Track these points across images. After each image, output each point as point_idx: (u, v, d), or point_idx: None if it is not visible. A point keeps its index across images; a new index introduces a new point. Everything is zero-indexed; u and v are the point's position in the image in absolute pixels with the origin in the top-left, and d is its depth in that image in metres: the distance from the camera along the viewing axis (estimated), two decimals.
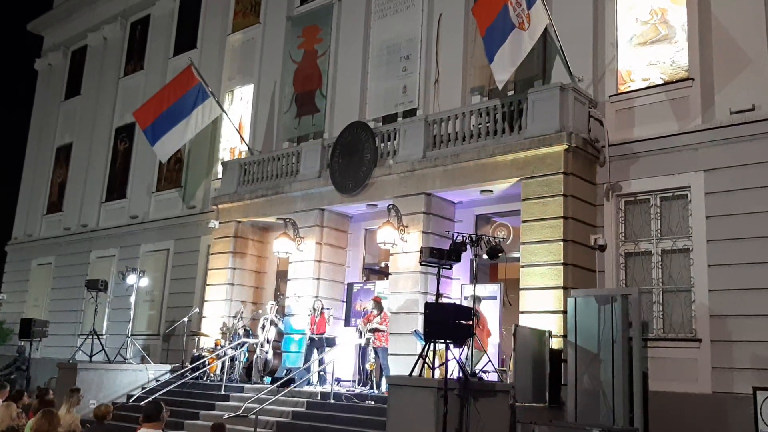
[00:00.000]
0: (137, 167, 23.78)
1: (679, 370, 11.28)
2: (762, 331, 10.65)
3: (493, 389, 10.14)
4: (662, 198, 12.25)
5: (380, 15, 17.51)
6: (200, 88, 18.38)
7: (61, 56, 29.61)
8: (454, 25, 15.85)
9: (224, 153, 20.75)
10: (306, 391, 13.55)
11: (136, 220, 22.91)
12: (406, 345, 13.28)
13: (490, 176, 13.12)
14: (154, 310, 21.16)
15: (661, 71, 12.66)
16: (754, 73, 11.47)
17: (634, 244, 12.39)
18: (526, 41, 12.37)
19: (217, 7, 22.54)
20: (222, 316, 17.36)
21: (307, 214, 16.15)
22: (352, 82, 17.74)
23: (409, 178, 14.27)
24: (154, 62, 24.54)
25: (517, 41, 12.35)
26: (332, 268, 16.15)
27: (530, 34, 12.36)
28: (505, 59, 12.42)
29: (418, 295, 13.58)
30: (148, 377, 16.53)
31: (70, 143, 27.61)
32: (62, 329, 23.19)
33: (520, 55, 12.44)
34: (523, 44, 12.37)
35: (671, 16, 12.70)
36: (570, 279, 11.72)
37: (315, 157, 16.28)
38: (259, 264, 18.35)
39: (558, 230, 11.89)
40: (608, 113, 12.98)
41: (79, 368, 15.57)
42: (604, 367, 10.09)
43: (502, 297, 13.08)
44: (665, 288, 11.98)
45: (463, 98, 15.26)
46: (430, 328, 9.73)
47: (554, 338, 11.38)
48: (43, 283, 26.48)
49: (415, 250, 13.21)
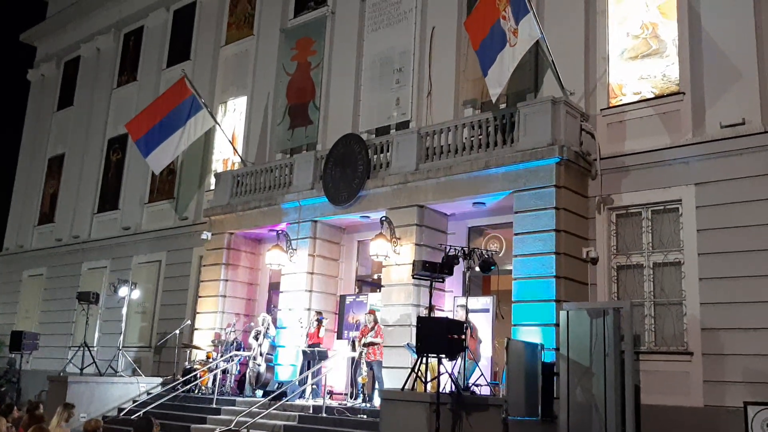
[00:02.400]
0: (130, 178, 23.70)
1: (671, 383, 11.29)
2: (753, 344, 10.68)
3: (485, 403, 10.16)
4: (654, 211, 12.30)
5: (373, 28, 17.59)
6: (193, 100, 18.37)
7: (54, 67, 29.55)
8: (446, 39, 15.92)
9: (217, 164, 20.73)
10: (298, 404, 13.49)
11: (128, 232, 22.81)
12: (398, 358, 13.24)
13: (482, 189, 13.15)
14: (145, 322, 21.04)
15: (652, 85, 12.74)
16: (745, 88, 11.56)
17: (626, 257, 12.42)
18: (513, 57, 12.47)
19: (210, 19, 22.58)
20: (214, 328, 17.29)
21: (300, 226, 16.11)
22: (346, 94, 17.77)
23: (402, 191, 14.29)
24: (147, 74, 24.53)
25: (507, 56, 12.48)
26: (325, 280, 16.12)
27: (517, 50, 12.45)
28: (497, 73, 12.54)
29: (411, 307, 13.56)
30: (140, 390, 16.45)
31: (62, 154, 27.48)
32: (53, 341, 23.04)
33: (509, 71, 12.56)
34: (511, 59, 12.47)
35: (662, 30, 12.80)
36: (562, 292, 11.74)
37: (308, 168, 16.29)
38: (251, 276, 18.28)
39: (550, 243, 11.93)
40: (600, 126, 13.04)
41: (70, 381, 15.49)
42: (596, 381, 10.10)
43: (495, 310, 13.08)
44: (657, 301, 12.00)
45: (456, 111, 15.32)
46: (422, 343, 9.76)
47: (546, 351, 11.38)
48: (35, 294, 26.29)
49: (408, 262, 13.23)
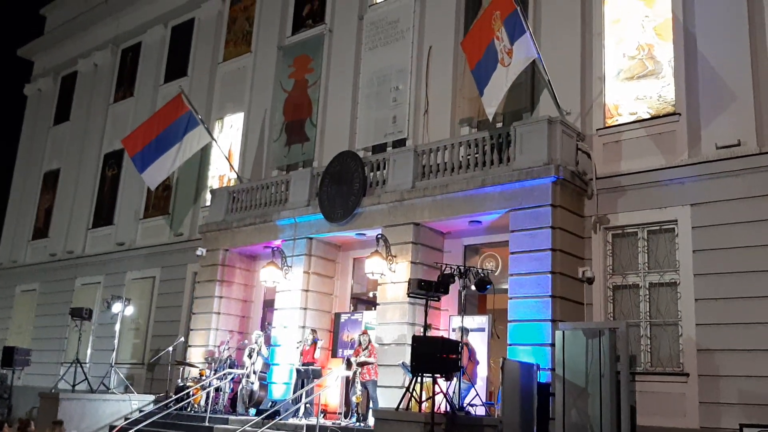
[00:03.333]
0: (125, 194, 23.65)
1: (667, 404, 11.22)
2: (749, 366, 10.64)
3: (480, 423, 10.08)
4: (650, 231, 12.30)
5: (371, 46, 17.67)
6: (190, 116, 18.35)
7: (51, 82, 29.61)
8: (443, 57, 16.00)
9: (213, 180, 20.71)
10: (291, 423, 13.35)
11: (122, 247, 22.72)
12: (393, 377, 13.15)
13: (478, 207, 13.14)
14: (138, 339, 20.90)
15: (648, 105, 12.79)
16: (740, 109, 11.61)
17: (622, 277, 12.40)
18: (506, 77, 12.54)
19: (208, 36, 22.66)
20: (208, 345, 17.17)
21: (295, 243, 16.07)
22: (342, 111, 17.82)
23: (398, 208, 14.27)
24: (144, 89, 24.57)
25: (500, 76, 12.54)
26: (320, 298, 16.04)
27: (511, 70, 12.51)
28: (492, 93, 12.60)
29: (406, 326, 13.48)
30: (132, 408, 16.30)
31: (57, 169, 27.46)
32: (45, 357, 22.86)
33: (502, 91, 12.61)
34: (504, 79, 12.54)
35: (658, 51, 12.88)
36: (558, 312, 11.70)
37: (304, 185, 16.27)
38: (246, 293, 18.18)
39: (546, 262, 11.89)
40: (596, 146, 13.08)
41: (61, 398, 15.34)
42: (592, 401, 10.05)
43: (491, 329, 13.02)
44: (653, 321, 11.97)
45: (452, 129, 15.35)
46: (417, 362, 9.69)
47: (542, 371, 11.32)
48: (27, 310, 26.13)
49: (404, 280, 13.17)
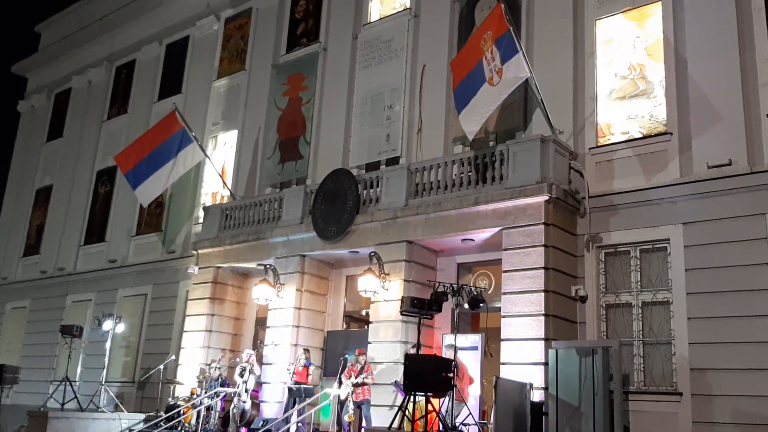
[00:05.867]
0: (117, 211, 23.56)
1: (660, 423, 11.19)
2: (742, 385, 10.64)
3: None
4: (642, 250, 12.34)
5: (365, 65, 17.76)
6: (183, 133, 18.36)
7: (45, 98, 29.59)
8: (437, 76, 16.10)
9: (206, 197, 20.68)
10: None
11: (114, 264, 22.61)
12: (385, 396, 13.09)
13: (471, 225, 13.16)
14: (129, 357, 20.73)
15: (639, 125, 12.89)
16: (731, 129, 11.71)
17: (615, 296, 12.41)
18: (493, 96, 12.61)
19: (203, 54, 22.73)
20: (199, 363, 17.04)
21: (288, 261, 16.04)
22: (336, 129, 17.87)
23: (391, 226, 14.27)
24: (138, 106, 24.58)
25: (484, 96, 12.59)
26: (312, 316, 15.98)
27: (500, 89, 12.57)
28: (473, 113, 12.68)
29: (399, 344, 13.44)
30: (122, 426, 16.12)
31: (50, 185, 27.34)
32: (35, 375, 22.62)
33: (488, 110, 12.70)
34: (490, 99, 12.61)
35: (649, 71, 12.99)
36: (551, 330, 11.69)
37: (297, 203, 16.26)
38: (238, 310, 18.09)
39: (539, 281, 11.91)
40: (588, 165, 13.15)
41: (50, 417, 15.16)
42: (585, 420, 9.99)
43: (484, 347, 12.99)
44: (646, 340, 11.96)
45: (446, 147, 15.41)
46: (410, 381, 9.65)
47: (535, 390, 11.27)
48: (17, 327, 25.88)
49: (396, 298, 13.15)
